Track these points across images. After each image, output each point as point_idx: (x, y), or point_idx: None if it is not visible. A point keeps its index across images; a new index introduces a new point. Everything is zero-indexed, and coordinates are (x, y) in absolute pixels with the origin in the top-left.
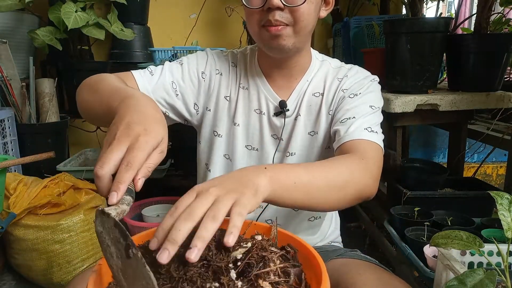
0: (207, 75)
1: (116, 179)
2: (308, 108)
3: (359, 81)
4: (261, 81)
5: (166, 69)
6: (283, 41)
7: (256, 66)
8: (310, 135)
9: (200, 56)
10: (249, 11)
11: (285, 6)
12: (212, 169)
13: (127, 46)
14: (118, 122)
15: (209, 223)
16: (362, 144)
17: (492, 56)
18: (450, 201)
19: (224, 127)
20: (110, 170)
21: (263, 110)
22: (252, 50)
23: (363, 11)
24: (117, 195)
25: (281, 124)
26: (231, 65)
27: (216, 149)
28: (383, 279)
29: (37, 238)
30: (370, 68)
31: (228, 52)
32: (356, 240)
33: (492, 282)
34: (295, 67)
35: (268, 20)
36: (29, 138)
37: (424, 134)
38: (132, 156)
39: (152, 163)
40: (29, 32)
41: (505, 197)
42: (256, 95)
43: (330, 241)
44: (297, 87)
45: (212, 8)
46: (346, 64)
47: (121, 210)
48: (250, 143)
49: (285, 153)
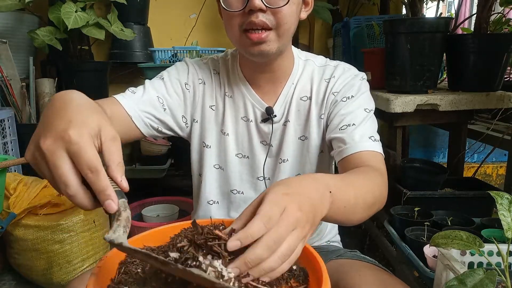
0: (190, 86)
1: (96, 191)
2: (297, 113)
3: (349, 82)
4: (246, 88)
5: (148, 86)
6: (267, 46)
7: (238, 72)
8: (300, 140)
9: (180, 67)
10: (229, 15)
11: (267, 8)
12: (203, 180)
13: (127, 46)
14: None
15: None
16: (370, 156)
17: (492, 56)
18: (450, 201)
19: (213, 137)
20: (76, 183)
21: (250, 118)
22: (233, 55)
23: (363, 11)
24: (113, 201)
25: (269, 130)
26: (213, 73)
27: (207, 160)
28: (382, 280)
29: (37, 238)
30: (370, 68)
31: (208, 59)
32: (356, 240)
33: (492, 282)
34: (278, 71)
35: (250, 22)
36: (29, 138)
37: (424, 134)
38: (85, 161)
39: (116, 161)
40: (29, 32)
41: (505, 197)
42: (242, 103)
43: (328, 241)
44: (283, 91)
45: (212, 8)
46: (331, 60)
47: (124, 220)
48: (241, 151)
49: (278, 160)
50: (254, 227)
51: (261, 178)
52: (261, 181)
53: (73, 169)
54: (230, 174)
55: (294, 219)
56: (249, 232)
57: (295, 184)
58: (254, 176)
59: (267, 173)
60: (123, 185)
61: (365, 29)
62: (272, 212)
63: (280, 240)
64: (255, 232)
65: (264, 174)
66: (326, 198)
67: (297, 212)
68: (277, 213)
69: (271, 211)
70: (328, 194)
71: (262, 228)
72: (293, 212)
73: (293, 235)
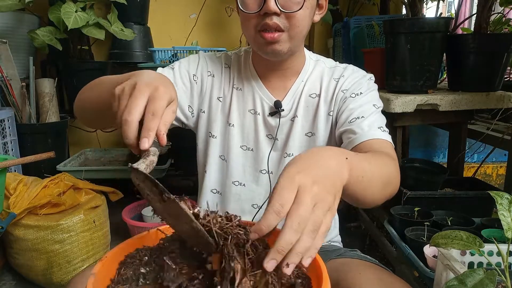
0: (198, 77)
1: (144, 127)
2: (306, 109)
3: (358, 80)
4: (256, 82)
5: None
6: (279, 46)
7: (250, 67)
8: (307, 136)
9: (192, 59)
10: (245, 16)
11: (281, 12)
12: (208, 171)
13: (127, 46)
14: (130, 81)
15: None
16: (380, 144)
17: (492, 56)
18: (450, 201)
19: (219, 128)
20: (138, 116)
21: (258, 111)
22: (246, 51)
23: (363, 11)
24: (148, 141)
25: (276, 124)
26: (224, 66)
27: (212, 150)
28: (383, 279)
29: (37, 238)
30: (370, 68)
31: (222, 54)
32: (356, 240)
33: (492, 282)
34: (290, 69)
35: (264, 24)
36: (29, 138)
37: (424, 134)
38: (156, 106)
39: (168, 121)
40: (29, 32)
41: (505, 197)
42: (251, 96)
43: (329, 240)
44: (292, 87)
45: (212, 8)
46: (341, 63)
47: (149, 161)
48: (246, 143)
49: (283, 154)
50: (267, 217)
51: (264, 172)
52: (264, 175)
53: (142, 108)
54: (233, 165)
55: (311, 195)
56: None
57: (308, 157)
58: (257, 169)
59: (271, 167)
60: (163, 138)
61: (365, 29)
62: (283, 199)
63: (303, 220)
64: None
65: (268, 167)
66: (343, 164)
67: (312, 187)
68: (288, 197)
69: (281, 198)
70: (345, 160)
71: (275, 218)
72: (308, 189)
73: (316, 211)
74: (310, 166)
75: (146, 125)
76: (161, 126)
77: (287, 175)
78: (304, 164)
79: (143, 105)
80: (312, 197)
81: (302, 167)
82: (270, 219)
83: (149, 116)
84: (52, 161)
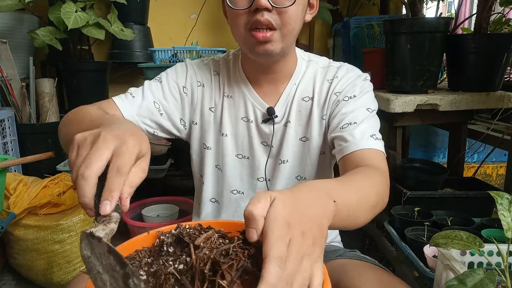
0: (188, 89)
1: (106, 187)
2: (298, 113)
3: (351, 82)
4: (247, 88)
5: (147, 89)
6: (271, 46)
7: (240, 72)
8: (301, 141)
9: (179, 69)
10: (234, 13)
11: (273, 7)
12: (205, 181)
13: (127, 46)
14: (96, 130)
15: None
16: (371, 154)
17: (492, 56)
18: (450, 201)
19: (212, 138)
20: (98, 171)
21: (251, 118)
22: (235, 55)
23: (363, 11)
24: (111, 204)
25: (270, 131)
26: (213, 74)
27: (207, 161)
28: (383, 280)
29: (37, 238)
30: (370, 68)
31: (209, 60)
32: (356, 240)
33: (492, 282)
34: (281, 72)
35: (255, 21)
36: (29, 138)
37: (424, 134)
38: (122, 161)
39: (134, 183)
40: (29, 32)
41: (505, 197)
42: (243, 103)
43: (330, 241)
44: (284, 91)
45: (212, 8)
46: (334, 62)
47: (109, 229)
48: (241, 152)
49: (277, 161)
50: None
51: (262, 179)
52: (261, 182)
53: (104, 162)
54: (229, 174)
55: (300, 250)
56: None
57: (295, 203)
58: (254, 177)
59: (268, 174)
60: (126, 202)
61: (365, 29)
62: (281, 252)
63: (291, 275)
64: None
65: (265, 175)
66: (329, 209)
67: (300, 240)
68: (284, 250)
69: (279, 251)
70: (332, 203)
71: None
72: (297, 243)
73: (304, 264)
74: (298, 216)
75: (109, 184)
76: (126, 187)
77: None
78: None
79: (106, 159)
80: (300, 252)
81: (291, 218)
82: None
83: (112, 173)
84: (52, 161)
